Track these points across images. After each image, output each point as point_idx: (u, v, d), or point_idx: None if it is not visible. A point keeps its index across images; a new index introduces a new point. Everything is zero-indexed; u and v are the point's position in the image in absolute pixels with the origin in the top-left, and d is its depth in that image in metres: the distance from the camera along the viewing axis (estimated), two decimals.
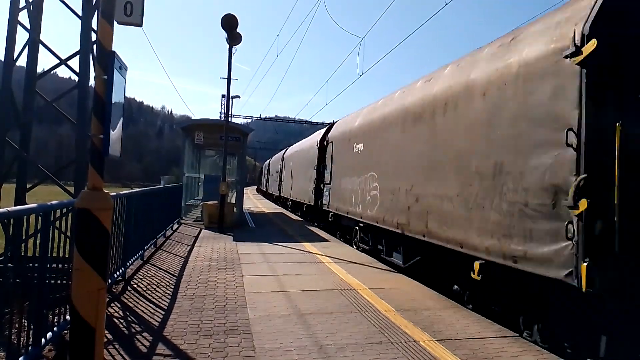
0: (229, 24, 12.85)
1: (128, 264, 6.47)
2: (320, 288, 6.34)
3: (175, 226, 12.66)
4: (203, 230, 12.89)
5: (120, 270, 5.91)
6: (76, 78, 10.12)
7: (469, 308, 5.72)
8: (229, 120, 15.92)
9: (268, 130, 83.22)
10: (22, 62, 10.29)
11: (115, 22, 3.56)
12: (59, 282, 3.98)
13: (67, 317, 3.89)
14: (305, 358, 3.83)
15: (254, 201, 31.49)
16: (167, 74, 59.73)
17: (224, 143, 13.82)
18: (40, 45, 10.21)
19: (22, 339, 3.21)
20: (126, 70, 3.80)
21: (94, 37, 9.98)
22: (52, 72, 12.59)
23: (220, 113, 43.35)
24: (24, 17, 10.05)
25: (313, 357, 3.85)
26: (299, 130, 63.15)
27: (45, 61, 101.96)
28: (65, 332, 3.82)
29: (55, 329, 3.79)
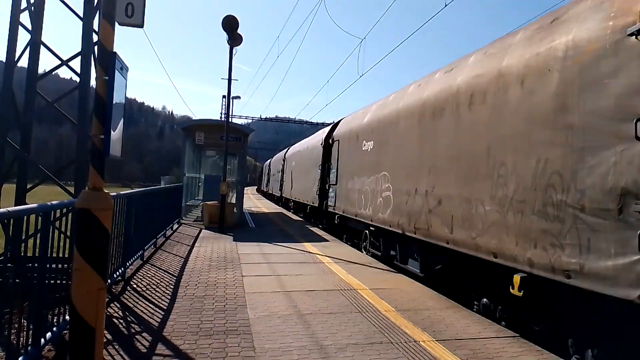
0: (230, 25, 12.87)
1: (128, 264, 6.47)
2: (320, 288, 6.34)
3: (175, 226, 12.66)
4: (203, 230, 12.89)
5: (120, 271, 5.92)
6: (77, 79, 10.14)
7: (502, 325, 5.17)
8: (230, 120, 15.93)
9: (268, 130, 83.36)
10: (24, 62, 10.34)
11: (116, 23, 3.57)
12: (58, 282, 3.98)
13: (67, 317, 3.90)
14: (306, 358, 3.83)
15: (254, 201, 31.49)
16: (168, 74, 59.69)
17: (224, 143, 13.82)
18: (42, 46, 10.23)
19: (21, 339, 3.21)
20: (127, 71, 3.81)
21: (95, 38, 10.01)
22: (53, 73, 12.59)
23: (221, 113, 43.43)
24: (25, 18, 10.09)
25: (313, 357, 3.85)
26: (299, 131, 63.16)
27: (47, 62, 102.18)
28: (65, 332, 3.83)
29: (54, 329, 3.79)
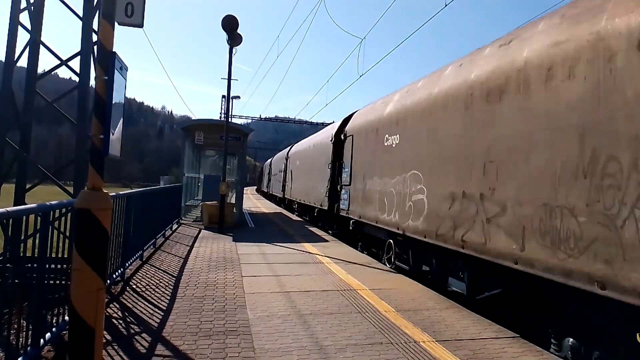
0: (230, 25, 12.86)
1: (127, 264, 6.46)
2: (320, 288, 6.34)
3: (175, 226, 12.65)
4: (202, 230, 12.88)
5: (119, 271, 5.91)
6: (77, 78, 10.13)
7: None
8: (229, 120, 15.93)
9: (268, 130, 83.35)
10: (23, 62, 10.33)
11: (116, 23, 3.57)
12: (58, 282, 3.98)
13: (66, 318, 3.89)
14: (305, 358, 3.82)
15: (254, 201, 31.48)
16: (168, 74, 59.84)
17: (224, 143, 13.82)
18: (41, 45, 10.22)
19: (21, 339, 3.20)
20: (127, 71, 3.80)
21: (94, 37, 10.00)
22: (53, 73, 12.60)
23: (221, 113, 43.48)
24: (24, 18, 10.08)
25: (313, 358, 3.84)
26: (299, 131, 63.19)
27: (46, 62, 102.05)
28: (65, 332, 3.82)
29: (54, 329, 3.78)
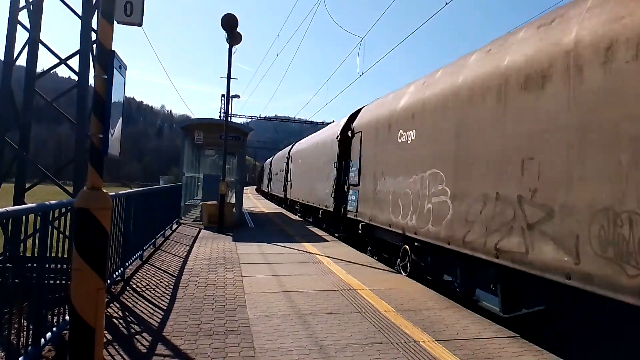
0: (229, 23, 12.85)
1: (127, 264, 6.45)
2: (320, 288, 6.34)
3: (175, 226, 12.65)
4: (202, 230, 12.87)
5: (119, 271, 5.90)
6: (76, 77, 10.11)
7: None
8: (229, 119, 15.92)
9: (268, 129, 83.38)
10: (22, 61, 10.31)
11: (115, 22, 3.56)
12: (58, 282, 3.98)
13: (67, 318, 3.89)
14: (305, 358, 3.82)
15: (254, 201, 31.48)
16: (167, 73, 59.79)
17: (223, 142, 13.82)
18: (40, 44, 10.20)
19: (21, 339, 3.20)
20: (126, 70, 3.80)
21: (93, 36, 9.98)
22: (52, 72, 12.57)
23: (220, 112, 43.42)
24: (23, 16, 10.05)
25: (313, 357, 3.84)
26: (299, 130, 63.17)
27: (45, 60, 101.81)
28: (65, 332, 3.82)
29: (54, 329, 3.78)
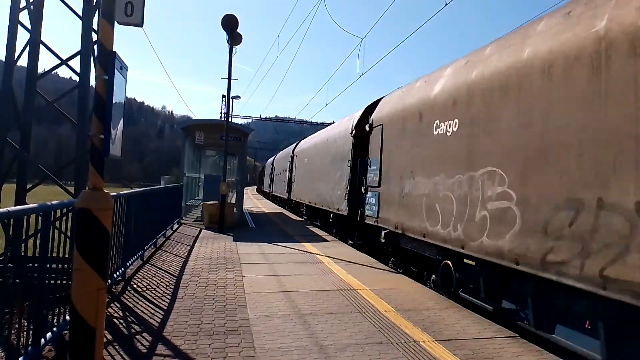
0: (230, 24, 12.87)
1: (128, 264, 6.46)
2: (320, 288, 6.34)
3: (176, 226, 12.65)
4: (203, 230, 12.88)
5: (120, 271, 5.91)
6: (77, 78, 10.14)
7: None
8: (230, 120, 15.94)
9: (268, 130, 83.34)
10: (23, 62, 10.34)
11: (115, 23, 3.57)
12: (59, 282, 3.98)
13: (67, 318, 3.89)
14: (306, 358, 3.83)
15: (254, 201, 31.50)
16: (168, 73, 59.79)
17: (224, 143, 13.83)
18: (41, 45, 10.23)
19: (21, 339, 3.21)
20: (127, 70, 3.80)
21: (94, 37, 10.01)
22: (53, 72, 12.62)
23: (221, 113, 43.45)
24: (24, 17, 10.08)
25: (313, 357, 3.85)
26: (299, 131, 63.14)
27: (46, 61, 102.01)
28: (65, 332, 3.82)
29: (55, 329, 3.78)
